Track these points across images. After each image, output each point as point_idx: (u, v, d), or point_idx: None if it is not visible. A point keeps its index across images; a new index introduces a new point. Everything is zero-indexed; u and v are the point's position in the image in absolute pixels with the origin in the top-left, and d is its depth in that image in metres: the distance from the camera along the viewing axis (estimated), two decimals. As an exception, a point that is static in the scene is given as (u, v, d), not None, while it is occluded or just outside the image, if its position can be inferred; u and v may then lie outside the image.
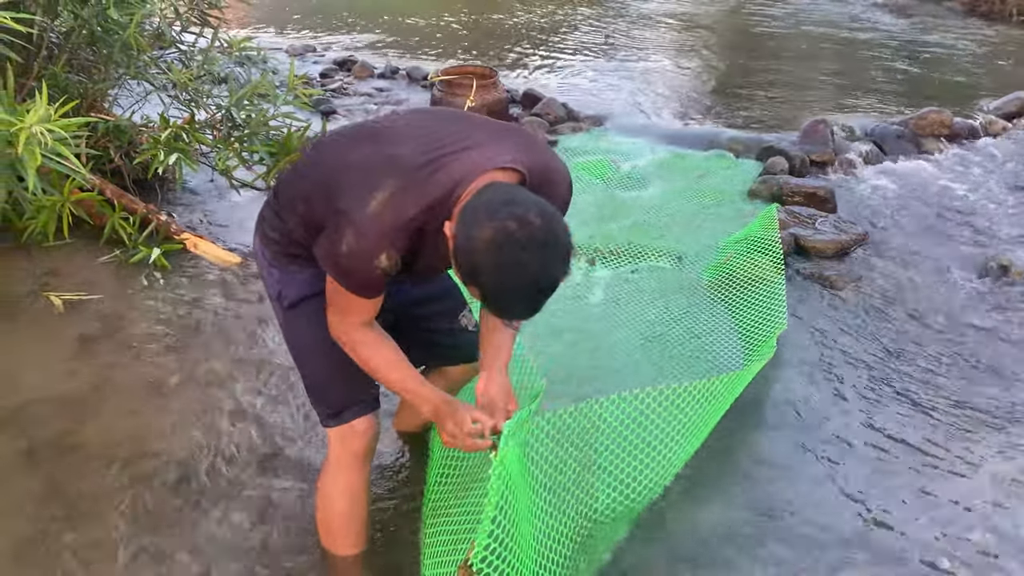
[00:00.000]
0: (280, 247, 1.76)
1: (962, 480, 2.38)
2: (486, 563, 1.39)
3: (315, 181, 1.65)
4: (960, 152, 5.04)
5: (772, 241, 3.16)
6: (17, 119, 2.47)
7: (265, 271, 1.82)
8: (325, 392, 1.84)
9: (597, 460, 1.99)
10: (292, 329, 1.83)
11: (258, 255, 1.83)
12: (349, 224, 1.51)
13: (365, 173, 1.55)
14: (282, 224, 1.73)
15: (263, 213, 1.81)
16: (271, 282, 1.81)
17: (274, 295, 1.81)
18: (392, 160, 1.54)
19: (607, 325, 3.08)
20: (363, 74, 6.42)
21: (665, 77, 6.52)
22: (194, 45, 3.93)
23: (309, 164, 1.73)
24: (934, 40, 7.78)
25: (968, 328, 3.18)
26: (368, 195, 1.50)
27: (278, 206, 1.75)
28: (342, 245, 1.52)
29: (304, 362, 1.85)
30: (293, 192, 1.72)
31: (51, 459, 2.26)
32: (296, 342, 1.84)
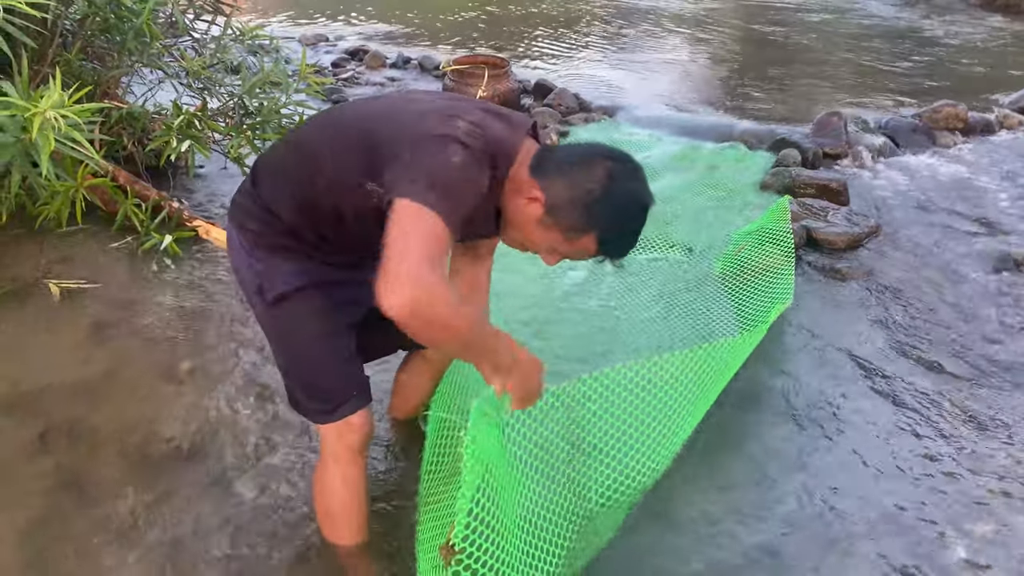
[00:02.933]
0: (263, 237, 1.67)
1: (971, 475, 2.37)
2: (467, 541, 1.38)
3: (348, 140, 1.55)
4: (975, 146, 5.01)
5: (784, 233, 3.15)
6: (32, 104, 2.49)
7: (243, 262, 1.71)
8: (318, 388, 1.76)
9: (585, 438, 1.96)
10: (278, 324, 1.72)
11: (234, 245, 1.72)
12: (450, 139, 1.41)
13: (429, 111, 1.49)
14: (267, 213, 1.65)
15: (240, 204, 1.72)
16: (250, 274, 1.69)
17: (253, 288, 1.70)
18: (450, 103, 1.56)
19: (616, 314, 3.08)
20: (375, 64, 6.42)
21: (678, 68, 6.49)
22: (207, 33, 3.94)
23: (319, 135, 1.64)
24: (950, 34, 7.72)
25: (981, 323, 3.16)
26: (454, 120, 1.45)
27: (263, 193, 1.67)
28: (452, 156, 1.39)
29: (293, 359, 1.75)
30: (304, 169, 1.61)
31: (63, 443, 2.27)
32: (283, 338, 1.74)
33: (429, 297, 1.26)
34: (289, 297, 1.67)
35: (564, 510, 1.87)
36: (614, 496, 1.93)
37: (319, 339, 1.69)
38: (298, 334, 1.71)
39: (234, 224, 1.72)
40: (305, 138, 1.67)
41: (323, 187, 1.59)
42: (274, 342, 1.77)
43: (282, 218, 1.64)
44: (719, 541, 2.09)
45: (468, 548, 1.38)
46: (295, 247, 1.65)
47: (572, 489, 1.93)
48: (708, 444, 2.32)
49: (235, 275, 1.79)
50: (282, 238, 1.65)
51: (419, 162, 1.39)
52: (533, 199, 1.52)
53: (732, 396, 2.55)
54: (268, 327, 1.75)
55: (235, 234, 1.72)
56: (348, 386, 1.76)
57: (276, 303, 1.67)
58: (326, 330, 1.73)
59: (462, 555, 1.38)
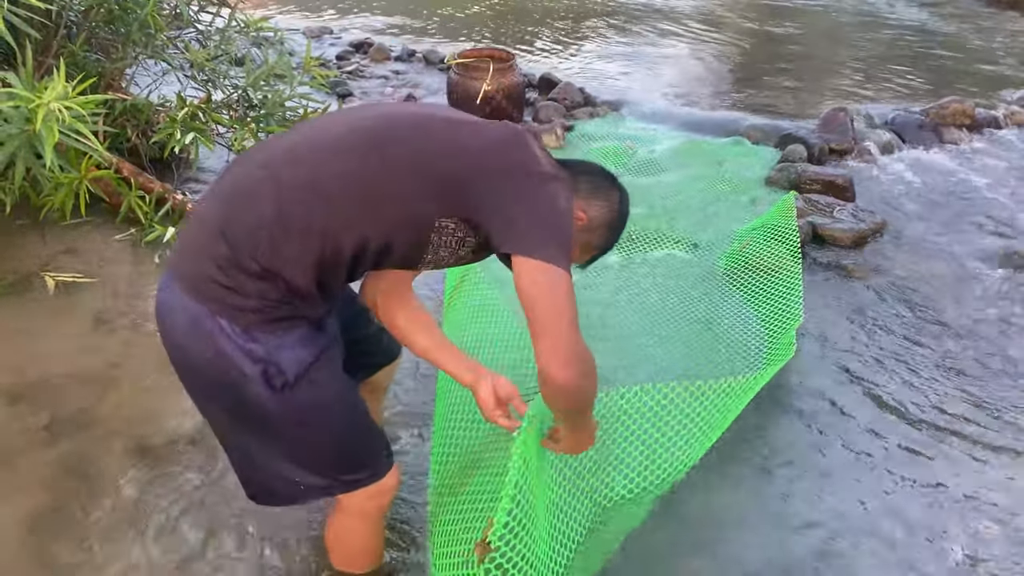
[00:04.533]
0: (262, 313, 1.36)
1: (977, 474, 2.37)
2: (503, 540, 1.38)
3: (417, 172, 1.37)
4: (982, 143, 4.98)
5: (789, 229, 3.13)
6: (36, 96, 2.49)
7: (231, 350, 1.37)
8: (355, 459, 1.58)
9: (614, 450, 1.99)
10: (298, 409, 1.44)
11: (209, 333, 1.36)
12: (549, 178, 1.38)
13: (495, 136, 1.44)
14: (264, 281, 1.34)
15: (214, 279, 1.35)
16: (245, 363, 1.37)
17: (255, 376, 1.38)
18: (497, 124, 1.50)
19: (620, 310, 3.07)
20: (380, 57, 6.40)
21: (684, 63, 6.47)
22: (211, 25, 3.93)
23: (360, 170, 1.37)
24: (958, 29, 7.68)
25: (986, 319, 3.15)
26: (532, 151, 1.42)
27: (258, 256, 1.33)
28: (560, 201, 1.37)
29: (322, 440, 1.51)
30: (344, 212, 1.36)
31: (68, 434, 2.28)
32: (308, 421, 1.46)
33: (591, 370, 1.37)
34: (307, 373, 1.42)
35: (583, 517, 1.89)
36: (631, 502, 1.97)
37: (346, 408, 1.53)
38: (325, 411, 1.48)
39: (209, 307, 1.36)
40: (324, 178, 1.37)
41: (371, 228, 1.38)
42: (291, 429, 1.47)
43: (286, 280, 1.36)
44: (727, 540, 2.09)
45: (503, 547, 1.39)
46: (293, 313, 1.40)
47: (593, 498, 1.95)
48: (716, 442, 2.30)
49: (204, 372, 1.41)
50: (281, 308, 1.38)
51: (536, 212, 1.35)
52: (577, 218, 1.48)
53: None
54: (282, 416, 1.44)
55: (213, 321, 1.36)
56: (380, 445, 1.63)
57: (293, 386, 1.41)
58: (348, 394, 1.55)
59: (496, 553, 1.39)
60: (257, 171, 1.40)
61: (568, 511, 1.84)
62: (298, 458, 1.52)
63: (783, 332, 2.77)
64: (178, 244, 1.47)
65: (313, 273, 1.36)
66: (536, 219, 1.35)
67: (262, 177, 1.38)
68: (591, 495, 1.94)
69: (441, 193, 1.38)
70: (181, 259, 1.43)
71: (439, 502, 1.89)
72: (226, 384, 1.40)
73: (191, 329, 1.38)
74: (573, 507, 1.87)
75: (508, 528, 1.39)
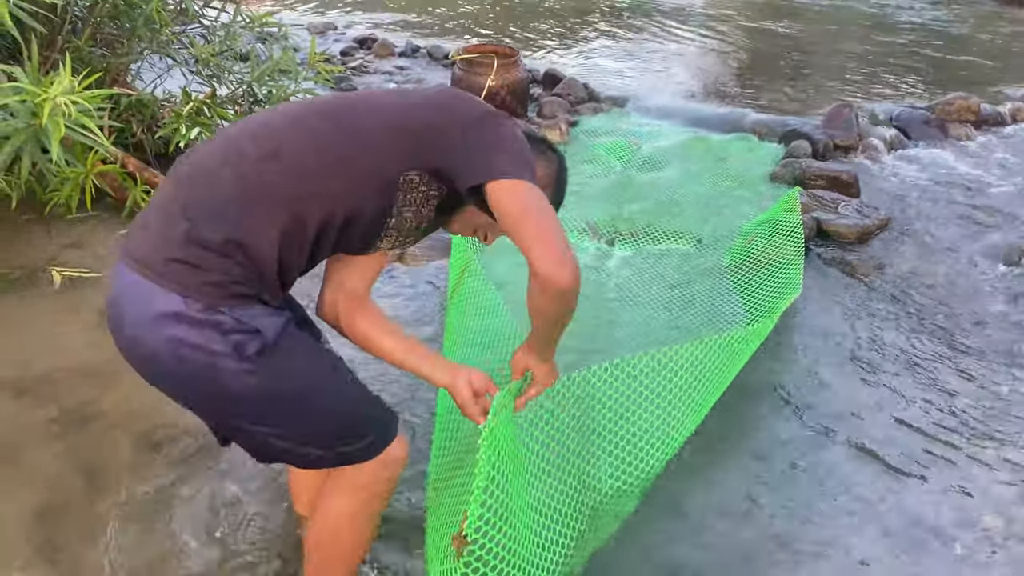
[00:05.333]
0: (225, 288, 1.31)
1: (979, 468, 2.37)
2: (480, 532, 1.38)
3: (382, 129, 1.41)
4: (986, 139, 4.98)
5: (794, 225, 3.14)
6: (42, 90, 2.49)
7: (196, 333, 1.29)
8: (357, 421, 1.51)
9: (596, 429, 1.97)
10: (275, 375, 1.37)
11: (171, 321, 1.29)
12: (503, 116, 1.46)
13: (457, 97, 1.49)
14: (227, 256, 1.30)
15: (169, 257, 1.30)
16: (214, 338, 1.30)
17: (226, 351, 1.31)
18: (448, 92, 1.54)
19: (624, 305, 3.07)
20: (384, 52, 6.41)
21: (688, 59, 6.46)
22: (216, 20, 3.93)
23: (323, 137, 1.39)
24: (964, 26, 7.66)
25: (990, 315, 3.14)
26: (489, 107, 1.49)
27: (223, 229, 1.30)
28: (517, 131, 1.45)
29: (316, 405, 1.43)
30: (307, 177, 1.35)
31: (72, 427, 2.28)
32: (290, 385, 1.39)
33: (578, 271, 1.37)
34: (277, 341, 1.36)
35: (573, 500, 1.87)
36: (621, 486, 1.93)
37: (332, 369, 1.48)
38: (308, 373, 1.43)
39: (167, 286, 1.29)
40: (289, 146, 1.37)
41: (339, 190, 1.38)
42: (276, 399, 1.39)
43: (249, 254, 1.32)
44: (723, 533, 2.09)
45: (481, 539, 1.38)
46: (255, 292, 1.35)
47: (580, 479, 1.93)
48: (714, 435, 2.31)
49: (164, 361, 1.32)
50: (244, 285, 1.33)
51: (502, 140, 1.41)
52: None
53: (739, 388, 2.53)
54: (262, 389, 1.36)
55: (169, 301, 1.29)
56: (379, 410, 1.56)
57: (263, 352, 1.34)
58: (331, 357, 1.52)
59: (474, 545, 1.38)
60: (217, 150, 1.40)
61: (557, 496, 1.83)
62: (291, 434, 1.44)
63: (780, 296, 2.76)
64: (131, 232, 1.40)
65: (277, 245, 1.33)
66: (501, 149, 1.40)
67: (222, 153, 1.38)
68: (580, 479, 1.92)
69: (414, 145, 1.41)
70: (135, 244, 1.35)
71: (435, 496, 1.90)
72: (193, 372, 1.32)
73: (144, 314, 1.30)
74: (563, 492, 1.85)
75: (484, 520, 1.38)
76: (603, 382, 1.89)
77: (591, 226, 3.61)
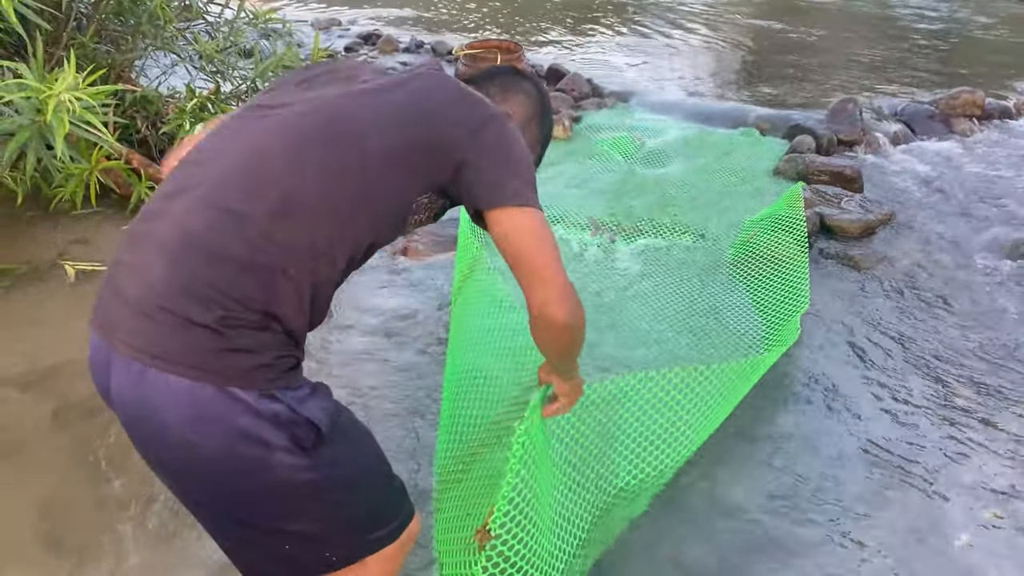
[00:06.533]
0: (272, 368, 1.17)
1: (980, 462, 2.37)
2: (504, 528, 1.39)
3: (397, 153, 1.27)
4: (992, 133, 4.97)
5: (797, 220, 3.14)
6: (47, 87, 2.51)
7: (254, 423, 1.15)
8: (387, 512, 1.39)
9: (618, 435, 1.99)
10: (339, 463, 1.27)
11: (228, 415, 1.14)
12: (504, 116, 1.36)
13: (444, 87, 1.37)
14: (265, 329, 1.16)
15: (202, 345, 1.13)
16: (268, 431, 1.16)
17: (282, 443, 1.17)
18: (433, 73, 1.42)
19: (627, 299, 3.08)
20: (388, 48, 6.42)
21: (692, 54, 6.45)
22: (220, 16, 3.94)
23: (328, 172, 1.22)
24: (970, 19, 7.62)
25: (993, 309, 3.14)
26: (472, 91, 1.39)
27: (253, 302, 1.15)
28: (517, 136, 1.36)
29: (363, 495, 1.32)
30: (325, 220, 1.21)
31: (76, 420, 2.30)
32: (345, 476, 1.28)
33: (580, 306, 1.32)
34: (338, 423, 1.27)
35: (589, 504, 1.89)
36: (635, 491, 1.96)
37: (368, 454, 1.36)
38: (361, 460, 1.33)
39: (215, 380, 1.13)
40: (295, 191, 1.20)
41: (365, 225, 1.27)
42: (326, 495, 1.26)
43: (282, 321, 1.19)
44: (731, 529, 2.10)
45: (504, 535, 1.39)
46: (296, 357, 1.23)
47: (598, 484, 1.95)
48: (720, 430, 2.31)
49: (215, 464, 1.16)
50: (288, 356, 1.20)
51: (507, 157, 1.32)
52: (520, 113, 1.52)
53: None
54: (316, 483, 1.23)
55: (223, 394, 1.13)
56: (401, 485, 1.44)
57: (326, 440, 1.24)
58: (367, 437, 1.39)
59: (497, 540, 1.39)
60: (200, 204, 1.19)
61: (574, 499, 1.85)
62: (328, 528, 1.29)
63: (789, 317, 2.77)
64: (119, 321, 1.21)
65: (308, 301, 1.21)
66: (510, 169, 1.31)
67: (215, 218, 1.17)
68: (597, 482, 1.94)
69: (426, 169, 1.30)
70: (145, 337, 1.15)
71: (443, 489, 1.91)
72: (243, 470, 1.16)
73: (196, 416, 1.13)
74: (579, 496, 1.88)
75: (509, 516, 1.39)
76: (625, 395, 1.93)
77: (593, 221, 3.62)
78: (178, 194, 1.22)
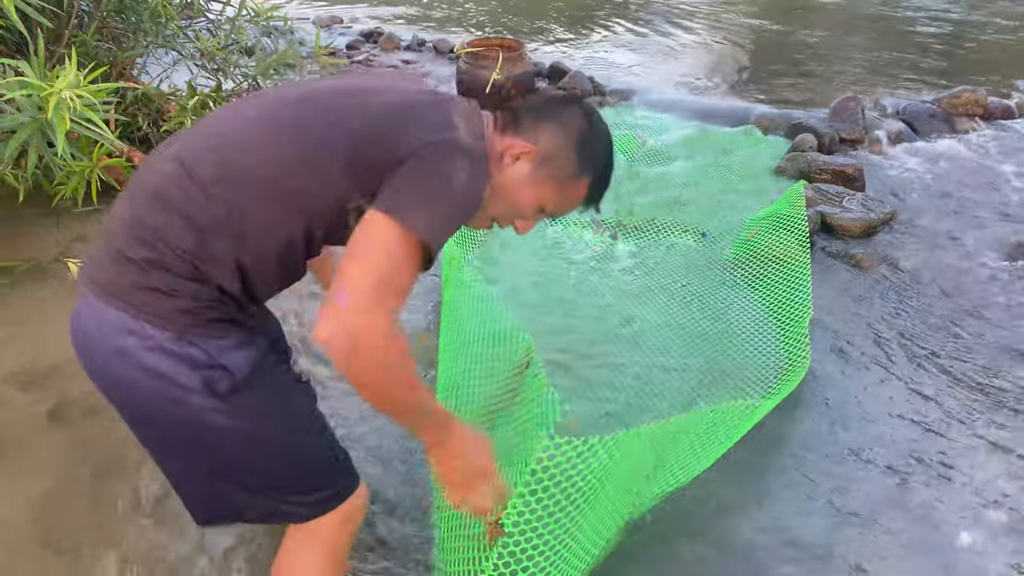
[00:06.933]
0: (195, 315, 1.21)
1: (982, 462, 2.36)
2: (516, 526, 1.38)
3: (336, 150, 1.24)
4: (994, 132, 4.95)
5: (798, 219, 3.13)
6: (48, 84, 2.51)
7: (166, 363, 1.21)
8: (322, 472, 1.41)
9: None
10: (253, 414, 1.29)
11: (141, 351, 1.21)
12: (458, 150, 1.22)
13: (415, 105, 1.28)
14: (192, 280, 1.21)
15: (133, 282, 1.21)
16: (183, 371, 1.21)
17: (196, 385, 1.22)
18: (426, 92, 1.35)
19: (628, 299, 3.08)
20: (389, 46, 6.41)
21: (694, 52, 6.44)
22: (222, 14, 3.94)
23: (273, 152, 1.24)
24: (971, 17, 7.61)
25: (996, 309, 3.13)
26: (448, 119, 1.26)
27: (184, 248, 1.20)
28: (458, 173, 1.20)
29: (283, 450, 1.34)
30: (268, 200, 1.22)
31: (76, 419, 2.31)
32: (265, 430, 1.31)
33: (368, 352, 1.12)
34: (253, 374, 1.27)
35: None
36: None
37: (299, 415, 1.37)
38: (279, 417, 1.33)
39: (132, 313, 1.20)
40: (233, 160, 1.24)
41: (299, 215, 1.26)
42: (239, 443, 1.29)
43: (213, 279, 1.22)
44: (732, 527, 2.10)
45: (515, 533, 1.38)
46: (229, 316, 1.26)
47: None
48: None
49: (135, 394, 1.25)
50: (216, 308, 1.24)
51: (418, 176, 1.20)
52: (519, 156, 1.38)
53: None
54: (230, 429, 1.27)
55: (139, 329, 1.20)
56: (343, 457, 1.45)
57: (241, 388, 1.26)
58: (305, 398, 1.40)
59: (508, 537, 1.38)
60: (169, 167, 1.26)
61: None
62: (251, 478, 1.35)
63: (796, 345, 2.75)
64: (88, 259, 1.32)
65: (236, 270, 1.24)
66: (417, 184, 1.20)
67: (174, 171, 1.24)
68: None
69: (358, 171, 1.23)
70: (94, 270, 1.27)
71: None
72: (161, 404, 1.23)
73: (111, 345, 1.22)
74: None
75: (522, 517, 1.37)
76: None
77: (594, 220, 3.62)
78: (164, 149, 1.32)
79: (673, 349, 2.78)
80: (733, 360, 2.72)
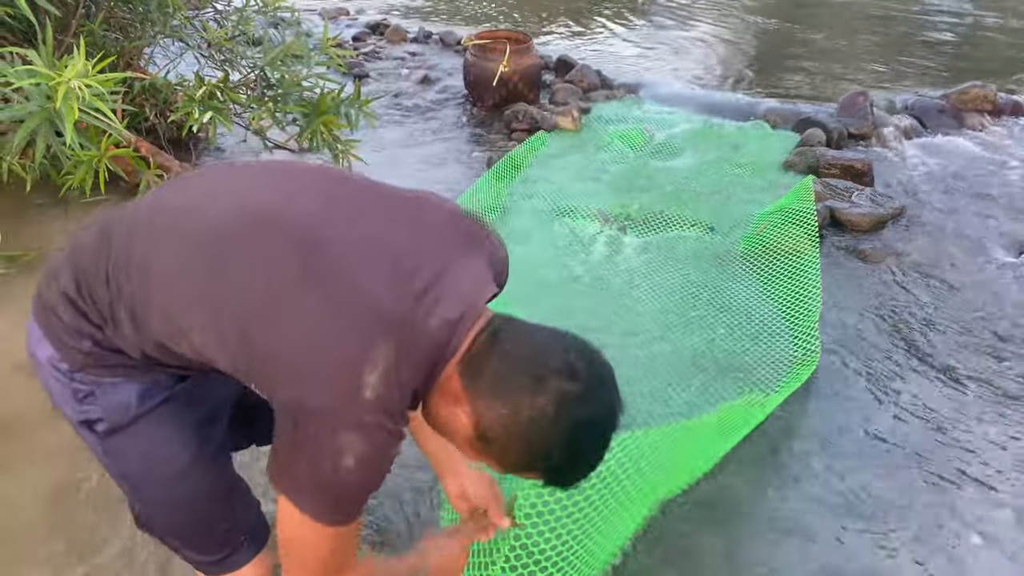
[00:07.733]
0: (92, 357, 1.18)
1: (990, 458, 2.36)
2: (529, 519, 1.38)
3: (225, 312, 1.08)
4: (1002, 128, 4.93)
5: (807, 213, 3.12)
6: (56, 73, 2.50)
7: (59, 384, 1.21)
8: (196, 535, 1.35)
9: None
10: (124, 458, 1.26)
11: (42, 366, 1.22)
12: (346, 426, 1.02)
13: (333, 335, 1.03)
14: (101, 331, 1.16)
15: (49, 304, 1.20)
16: (70, 402, 1.21)
17: (76, 420, 1.23)
18: (370, 308, 1.04)
19: (635, 291, 3.07)
20: (396, 38, 6.39)
21: (702, 46, 6.42)
22: (229, 5, 3.93)
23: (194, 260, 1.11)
24: (981, 13, 7.57)
25: (1005, 306, 3.12)
26: (355, 376, 1.01)
27: (95, 302, 1.16)
28: (345, 458, 1.02)
29: (156, 500, 1.31)
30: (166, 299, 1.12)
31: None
32: (136, 475, 1.28)
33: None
34: (133, 425, 1.22)
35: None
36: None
37: (184, 470, 1.27)
38: (156, 470, 1.26)
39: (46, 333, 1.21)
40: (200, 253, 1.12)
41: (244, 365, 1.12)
42: (122, 479, 1.30)
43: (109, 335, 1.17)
44: (741, 523, 2.10)
45: (528, 526, 1.37)
46: (136, 365, 1.19)
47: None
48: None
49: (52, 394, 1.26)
50: (120, 358, 1.18)
51: (308, 453, 1.03)
52: (472, 421, 1.09)
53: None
54: (109, 462, 1.27)
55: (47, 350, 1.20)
56: (236, 525, 1.38)
57: (115, 434, 1.22)
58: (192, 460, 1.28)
59: (520, 529, 1.38)
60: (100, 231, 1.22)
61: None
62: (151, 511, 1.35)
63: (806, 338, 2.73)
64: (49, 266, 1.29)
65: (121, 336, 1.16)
66: (301, 466, 1.05)
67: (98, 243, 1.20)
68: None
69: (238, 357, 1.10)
70: (43, 280, 1.26)
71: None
72: (66, 414, 1.25)
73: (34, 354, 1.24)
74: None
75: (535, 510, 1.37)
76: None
77: (602, 213, 3.61)
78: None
79: (682, 342, 2.78)
80: (743, 353, 2.72)
